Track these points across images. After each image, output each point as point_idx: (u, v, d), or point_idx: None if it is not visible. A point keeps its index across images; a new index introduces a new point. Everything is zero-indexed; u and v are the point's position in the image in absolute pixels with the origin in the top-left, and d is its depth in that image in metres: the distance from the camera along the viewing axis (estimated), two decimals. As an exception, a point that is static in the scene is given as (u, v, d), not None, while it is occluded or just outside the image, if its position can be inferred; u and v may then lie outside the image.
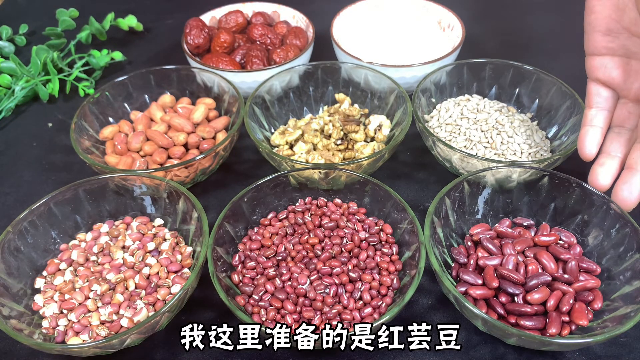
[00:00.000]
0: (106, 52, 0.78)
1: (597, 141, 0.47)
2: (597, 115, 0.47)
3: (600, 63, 0.46)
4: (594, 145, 0.47)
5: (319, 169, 0.52)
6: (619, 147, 0.46)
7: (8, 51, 0.80)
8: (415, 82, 0.67)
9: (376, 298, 0.46)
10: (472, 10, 0.88)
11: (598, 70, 0.46)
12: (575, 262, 0.46)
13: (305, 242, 0.50)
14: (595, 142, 0.47)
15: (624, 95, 0.46)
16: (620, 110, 0.47)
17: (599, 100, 0.47)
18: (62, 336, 0.45)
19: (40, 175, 0.63)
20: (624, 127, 0.46)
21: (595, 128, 0.47)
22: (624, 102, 0.47)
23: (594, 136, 0.47)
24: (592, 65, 0.47)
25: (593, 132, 0.47)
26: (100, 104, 0.63)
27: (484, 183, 0.51)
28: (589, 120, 0.48)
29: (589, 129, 0.47)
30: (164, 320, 0.44)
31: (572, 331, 0.43)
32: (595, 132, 0.47)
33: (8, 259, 0.47)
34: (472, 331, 0.47)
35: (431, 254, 0.44)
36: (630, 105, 0.46)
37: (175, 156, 0.59)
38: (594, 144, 0.47)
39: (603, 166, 0.45)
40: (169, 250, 0.50)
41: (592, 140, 0.47)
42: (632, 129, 0.46)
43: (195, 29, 0.70)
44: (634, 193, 0.43)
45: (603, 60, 0.46)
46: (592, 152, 0.47)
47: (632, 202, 0.43)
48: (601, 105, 0.47)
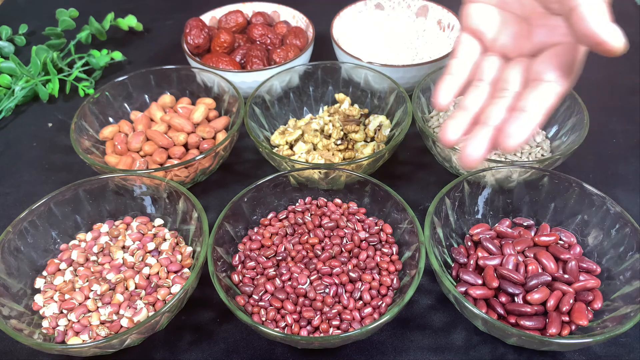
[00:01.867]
0: (106, 52, 0.78)
1: (453, 91, 0.42)
2: (459, 65, 0.43)
3: (474, 10, 0.43)
4: (448, 94, 0.42)
5: (319, 169, 0.52)
6: (475, 100, 0.41)
7: (8, 51, 0.80)
8: (415, 82, 0.67)
9: (376, 298, 0.46)
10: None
11: (469, 18, 0.43)
12: (575, 262, 0.46)
13: (305, 242, 0.50)
14: (451, 91, 0.42)
15: (489, 47, 0.43)
16: (483, 62, 0.43)
17: (464, 49, 0.43)
18: (62, 336, 0.45)
19: (40, 175, 0.63)
20: (483, 80, 0.42)
21: (454, 77, 0.43)
22: (488, 55, 0.43)
23: (451, 85, 0.42)
24: (466, 13, 0.43)
25: (451, 80, 0.42)
26: (100, 104, 0.63)
27: (484, 183, 0.51)
28: (449, 69, 0.43)
29: (447, 78, 0.42)
30: (164, 320, 0.44)
31: (572, 331, 0.43)
32: (453, 80, 0.42)
33: (8, 259, 0.47)
34: (472, 331, 0.47)
35: (431, 254, 0.44)
36: (493, 58, 0.42)
37: (175, 156, 0.59)
38: (448, 93, 0.42)
39: (454, 119, 0.40)
40: (169, 250, 0.50)
41: (448, 89, 0.42)
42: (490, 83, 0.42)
43: (195, 29, 0.70)
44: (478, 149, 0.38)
45: (477, 7, 0.43)
46: (445, 101, 0.42)
47: (476, 158, 0.38)
48: (466, 56, 0.43)
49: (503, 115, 0.38)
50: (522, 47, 0.40)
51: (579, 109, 0.57)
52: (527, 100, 0.37)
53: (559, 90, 0.37)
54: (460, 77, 0.42)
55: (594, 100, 0.69)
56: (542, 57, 0.38)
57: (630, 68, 0.76)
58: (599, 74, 0.76)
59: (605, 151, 0.64)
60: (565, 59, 0.37)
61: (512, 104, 0.38)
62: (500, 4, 0.42)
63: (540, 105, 0.36)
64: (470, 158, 0.38)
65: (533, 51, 0.39)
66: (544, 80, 0.37)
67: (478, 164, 0.38)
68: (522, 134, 0.36)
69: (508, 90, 0.40)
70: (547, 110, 0.36)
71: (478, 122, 0.39)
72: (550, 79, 0.37)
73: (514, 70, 0.40)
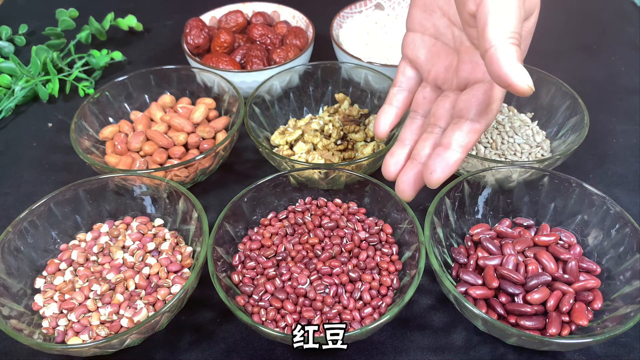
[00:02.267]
0: (106, 52, 0.78)
1: (390, 121, 0.45)
2: (397, 95, 0.45)
3: (412, 40, 0.44)
4: (386, 124, 0.45)
5: (319, 169, 0.52)
6: (411, 134, 0.44)
7: (8, 51, 0.80)
8: (415, 82, 0.67)
9: (376, 298, 0.46)
10: (472, 10, 0.88)
11: (408, 47, 0.45)
12: (575, 262, 0.46)
13: (305, 242, 0.50)
14: (388, 121, 0.45)
15: (424, 78, 0.44)
16: (418, 94, 0.45)
17: (402, 79, 0.45)
18: (62, 336, 0.45)
19: (40, 175, 0.63)
20: (418, 112, 0.44)
21: (392, 107, 0.46)
22: (423, 86, 0.45)
23: (388, 115, 0.45)
24: (405, 41, 0.45)
25: (389, 111, 0.45)
26: (100, 104, 0.63)
27: (484, 183, 0.51)
28: (389, 99, 0.46)
29: (386, 108, 0.46)
30: (164, 320, 0.44)
31: (572, 331, 0.43)
32: (391, 111, 0.45)
33: (8, 259, 0.47)
34: (472, 331, 0.47)
35: (431, 254, 0.44)
36: (427, 90, 0.44)
37: (175, 156, 0.59)
38: (386, 124, 0.45)
39: (392, 156, 0.43)
40: (169, 250, 0.50)
41: (386, 119, 0.45)
42: (424, 116, 0.44)
43: (195, 29, 0.70)
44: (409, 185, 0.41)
45: (415, 37, 0.44)
46: (383, 131, 0.45)
47: (408, 194, 0.41)
48: (404, 85, 0.45)
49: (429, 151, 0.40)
50: (452, 80, 0.41)
51: (579, 109, 0.57)
52: (450, 138, 0.38)
53: (478, 128, 0.38)
54: (397, 107, 0.45)
55: (594, 100, 0.69)
56: (466, 93, 0.39)
57: (630, 68, 0.76)
58: (599, 74, 0.76)
59: (605, 151, 0.64)
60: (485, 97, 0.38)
61: (439, 140, 0.40)
62: (435, 34, 0.43)
63: (461, 144, 0.38)
64: (404, 194, 0.41)
65: (460, 86, 0.41)
66: (466, 118, 0.38)
67: (410, 197, 0.41)
68: (444, 170, 0.38)
69: (437, 127, 0.41)
70: (466, 148, 0.38)
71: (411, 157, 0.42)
72: (472, 117, 0.38)
73: (444, 105, 0.41)
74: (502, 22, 0.33)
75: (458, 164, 0.38)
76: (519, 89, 0.32)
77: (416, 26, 0.44)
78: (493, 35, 0.33)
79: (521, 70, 0.32)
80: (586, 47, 0.81)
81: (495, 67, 0.33)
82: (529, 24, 0.40)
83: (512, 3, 0.33)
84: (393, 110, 0.45)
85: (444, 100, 0.41)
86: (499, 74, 0.33)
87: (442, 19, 0.42)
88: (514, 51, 0.33)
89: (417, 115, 0.44)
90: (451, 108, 0.40)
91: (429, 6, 0.43)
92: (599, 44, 0.81)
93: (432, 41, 0.43)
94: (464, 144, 0.38)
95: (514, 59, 0.32)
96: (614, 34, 0.83)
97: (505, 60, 0.32)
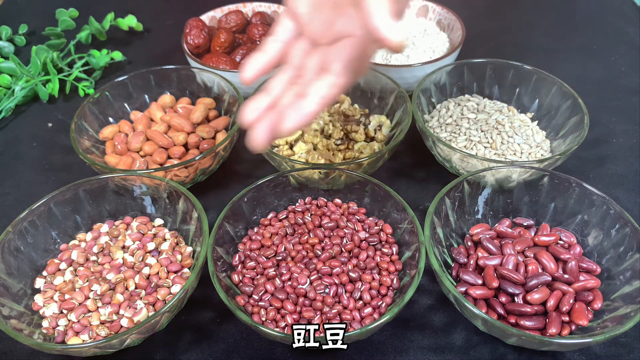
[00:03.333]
0: (106, 52, 0.78)
1: (257, 67, 0.43)
2: (272, 44, 0.43)
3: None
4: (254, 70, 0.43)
5: (319, 169, 0.52)
6: (278, 84, 0.42)
7: (8, 51, 0.80)
8: (415, 82, 0.67)
9: (376, 298, 0.46)
10: (472, 10, 0.88)
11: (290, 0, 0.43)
12: (575, 262, 0.46)
13: (305, 242, 0.50)
14: (255, 67, 0.43)
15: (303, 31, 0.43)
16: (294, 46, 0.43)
17: (280, 30, 0.43)
18: (62, 336, 0.45)
19: (40, 175, 0.63)
20: (290, 64, 0.43)
21: (263, 55, 0.43)
22: (300, 39, 0.43)
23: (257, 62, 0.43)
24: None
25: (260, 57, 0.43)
26: (100, 104, 0.63)
27: (484, 183, 0.51)
28: (262, 47, 0.44)
29: (257, 54, 0.43)
30: (164, 320, 0.44)
31: (572, 331, 0.43)
32: (261, 58, 0.43)
33: (8, 259, 0.47)
34: (472, 331, 0.47)
35: (431, 254, 0.44)
36: (303, 43, 0.42)
37: (175, 156, 0.59)
38: (255, 69, 0.43)
39: (254, 101, 0.41)
40: (169, 250, 0.50)
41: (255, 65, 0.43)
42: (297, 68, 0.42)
43: (195, 29, 0.70)
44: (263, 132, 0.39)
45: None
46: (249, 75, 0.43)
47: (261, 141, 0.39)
48: (280, 36, 0.43)
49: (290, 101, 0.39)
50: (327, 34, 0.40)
51: (579, 109, 0.57)
52: (309, 88, 0.38)
53: (339, 82, 0.38)
54: (269, 55, 0.43)
55: (594, 100, 0.69)
56: (335, 46, 0.38)
57: (630, 68, 0.76)
58: (599, 74, 0.76)
59: (605, 151, 0.64)
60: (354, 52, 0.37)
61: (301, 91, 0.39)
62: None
63: (318, 95, 0.38)
64: (255, 141, 0.39)
65: (333, 39, 0.40)
66: (329, 71, 0.38)
67: (263, 146, 0.39)
68: (297, 119, 0.37)
69: (303, 78, 0.40)
70: (324, 100, 0.38)
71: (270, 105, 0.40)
72: (335, 71, 0.38)
73: (314, 57, 0.41)
74: None
75: (313, 115, 0.38)
76: (390, 42, 0.33)
77: None
78: None
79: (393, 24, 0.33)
80: (586, 47, 0.81)
81: (368, 21, 0.33)
82: None
83: None
84: (263, 58, 0.43)
85: (314, 53, 0.41)
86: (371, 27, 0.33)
87: None
88: (387, 5, 0.33)
89: (289, 67, 0.43)
90: (322, 61, 0.39)
91: None
92: (599, 44, 0.81)
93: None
94: (323, 96, 0.38)
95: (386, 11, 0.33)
96: (614, 34, 0.83)
97: (378, 12, 0.33)
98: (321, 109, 0.37)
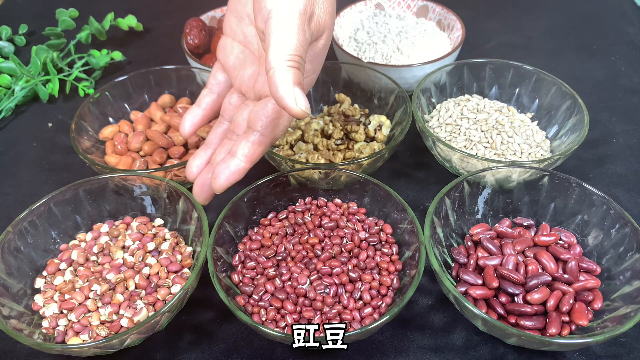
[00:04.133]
0: (106, 52, 0.78)
1: (194, 122, 0.46)
2: (206, 98, 0.47)
3: (224, 44, 0.45)
4: (190, 125, 0.46)
5: (319, 169, 0.52)
6: (215, 138, 0.45)
7: (8, 51, 0.80)
8: (415, 82, 0.67)
9: (376, 298, 0.46)
10: (472, 10, 0.88)
11: (220, 50, 0.45)
12: (575, 262, 0.46)
13: (305, 242, 0.50)
14: (193, 122, 0.46)
15: (232, 84, 0.45)
16: (226, 98, 0.46)
17: (213, 82, 0.47)
18: (62, 336, 0.45)
19: (40, 175, 0.63)
20: (224, 117, 0.46)
21: (199, 109, 0.47)
22: (231, 91, 0.46)
23: (193, 116, 0.46)
24: (219, 45, 0.46)
25: (195, 112, 0.47)
26: (100, 104, 0.63)
27: (484, 183, 0.51)
28: (198, 100, 0.47)
29: (193, 109, 0.47)
30: (164, 320, 0.44)
31: (572, 331, 0.43)
32: (197, 112, 0.47)
33: (8, 259, 0.47)
34: (472, 331, 0.47)
35: (431, 254, 0.44)
36: (234, 96, 0.45)
37: (175, 156, 0.59)
38: (190, 124, 0.46)
39: (195, 158, 0.44)
40: (169, 250, 0.50)
41: (190, 120, 0.47)
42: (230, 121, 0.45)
43: (195, 29, 0.70)
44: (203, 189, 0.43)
45: (226, 41, 0.45)
46: (186, 131, 0.47)
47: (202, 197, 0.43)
48: (214, 89, 0.47)
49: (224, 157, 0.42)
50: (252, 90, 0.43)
51: (579, 109, 0.57)
52: (237, 147, 0.40)
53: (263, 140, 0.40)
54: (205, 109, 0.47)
55: (594, 100, 0.69)
56: (257, 105, 0.40)
57: (630, 68, 0.76)
58: (599, 74, 0.76)
59: (605, 151, 0.64)
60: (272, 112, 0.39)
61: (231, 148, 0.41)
62: (244, 42, 0.44)
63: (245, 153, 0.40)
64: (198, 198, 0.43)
65: (257, 97, 0.42)
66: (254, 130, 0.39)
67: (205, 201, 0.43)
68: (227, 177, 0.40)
69: (235, 134, 0.43)
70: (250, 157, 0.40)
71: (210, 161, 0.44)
72: (259, 129, 0.39)
73: (242, 113, 0.43)
74: (282, 45, 0.34)
75: (241, 172, 0.40)
76: (292, 111, 0.34)
77: (228, 30, 0.45)
78: (273, 57, 0.34)
79: (295, 93, 0.33)
80: (586, 47, 0.81)
81: (272, 89, 0.34)
82: (319, 45, 0.40)
83: (292, 26, 0.35)
84: (199, 112, 0.47)
85: (243, 108, 0.43)
86: (275, 96, 0.34)
87: (249, 27, 0.43)
88: (290, 74, 0.34)
89: (223, 119, 0.46)
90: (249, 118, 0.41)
91: (239, 12, 0.44)
92: (599, 44, 0.81)
93: (241, 48, 0.44)
94: (248, 154, 0.39)
95: (289, 82, 0.34)
96: (614, 34, 0.83)
97: (281, 83, 0.34)
98: (249, 165, 0.40)
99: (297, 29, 0.35)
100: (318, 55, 0.41)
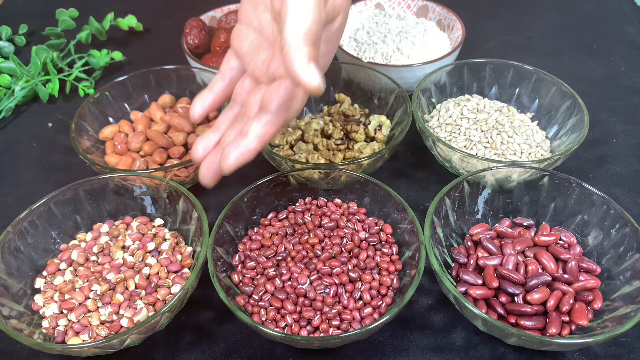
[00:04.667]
0: (106, 52, 0.78)
1: (204, 106, 0.46)
2: (218, 83, 0.46)
3: (238, 31, 0.45)
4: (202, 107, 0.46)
5: (319, 169, 0.52)
6: (225, 121, 0.45)
7: (8, 51, 0.80)
8: (415, 82, 0.67)
9: (376, 298, 0.46)
10: (472, 10, 0.88)
11: (234, 37, 0.45)
12: (575, 262, 0.46)
13: (305, 242, 0.50)
14: (203, 106, 0.46)
15: (246, 69, 0.45)
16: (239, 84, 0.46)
17: (226, 68, 0.46)
18: (62, 336, 0.45)
19: (40, 175, 0.63)
20: (236, 102, 0.45)
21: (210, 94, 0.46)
22: (244, 77, 0.45)
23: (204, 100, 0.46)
24: (234, 32, 0.46)
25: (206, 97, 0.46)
26: (100, 104, 0.63)
27: (484, 183, 0.51)
28: (210, 85, 0.46)
29: (204, 93, 0.46)
30: (164, 320, 0.44)
31: (572, 331, 0.43)
32: (208, 97, 0.46)
33: (8, 259, 0.47)
34: (472, 331, 0.47)
35: (431, 254, 0.44)
36: (247, 81, 0.45)
37: (175, 156, 0.59)
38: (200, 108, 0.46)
39: (203, 139, 0.44)
40: (169, 250, 0.50)
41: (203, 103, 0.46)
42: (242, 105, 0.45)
43: (195, 29, 0.70)
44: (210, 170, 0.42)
45: (241, 28, 0.45)
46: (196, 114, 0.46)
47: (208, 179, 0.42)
48: (227, 74, 0.46)
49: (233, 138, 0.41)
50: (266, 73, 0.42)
51: (579, 109, 0.57)
52: (249, 127, 0.39)
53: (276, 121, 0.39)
54: (217, 94, 0.46)
55: (594, 100, 0.70)
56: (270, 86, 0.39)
57: (630, 68, 0.76)
58: (599, 74, 0.76)
59: (605, 151, 0.64)
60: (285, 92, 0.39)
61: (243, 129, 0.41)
62: (259, 28, 0.44)
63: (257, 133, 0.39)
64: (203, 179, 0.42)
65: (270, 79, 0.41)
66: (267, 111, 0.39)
67: (211, 182, 0.42)
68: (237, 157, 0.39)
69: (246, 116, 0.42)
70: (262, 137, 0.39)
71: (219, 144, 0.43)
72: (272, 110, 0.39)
73: (255, 96, 0.42)
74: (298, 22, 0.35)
75: (252, 153, 0.39)
76: (306, 86, 0.34)
77: (243, 18, 0.45)
78: (289, 34, 0.35)
79: (310, 68, 0.34)
80: (586, 47, 0.81)
81: (287, 64, 0.34)
82: (333, 27, 0.41)
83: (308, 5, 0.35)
84: (210, 97, 0.46)
85: (256, 91, 0.42)
86: (290, 72, 0.34)
87: (265, 13, 0.43)
88: (305, 50, 0.34)
89: (235, 104, 0.45)
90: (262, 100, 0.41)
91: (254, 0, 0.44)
92: (599, 44, 0.81)
93: (256, 34, 0.44)
94: (260, 134, 0.39)
95: (304, 57, 0.34)
96: (614, 34, 0.84)
97: (296, 58, 0.34)
98: (260, 145, 0.39)
99: (313, 8, 0.36)
100: (333, 37, 0.42)
